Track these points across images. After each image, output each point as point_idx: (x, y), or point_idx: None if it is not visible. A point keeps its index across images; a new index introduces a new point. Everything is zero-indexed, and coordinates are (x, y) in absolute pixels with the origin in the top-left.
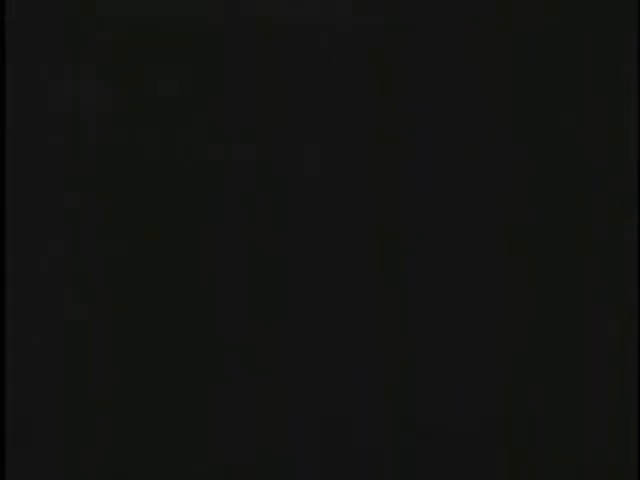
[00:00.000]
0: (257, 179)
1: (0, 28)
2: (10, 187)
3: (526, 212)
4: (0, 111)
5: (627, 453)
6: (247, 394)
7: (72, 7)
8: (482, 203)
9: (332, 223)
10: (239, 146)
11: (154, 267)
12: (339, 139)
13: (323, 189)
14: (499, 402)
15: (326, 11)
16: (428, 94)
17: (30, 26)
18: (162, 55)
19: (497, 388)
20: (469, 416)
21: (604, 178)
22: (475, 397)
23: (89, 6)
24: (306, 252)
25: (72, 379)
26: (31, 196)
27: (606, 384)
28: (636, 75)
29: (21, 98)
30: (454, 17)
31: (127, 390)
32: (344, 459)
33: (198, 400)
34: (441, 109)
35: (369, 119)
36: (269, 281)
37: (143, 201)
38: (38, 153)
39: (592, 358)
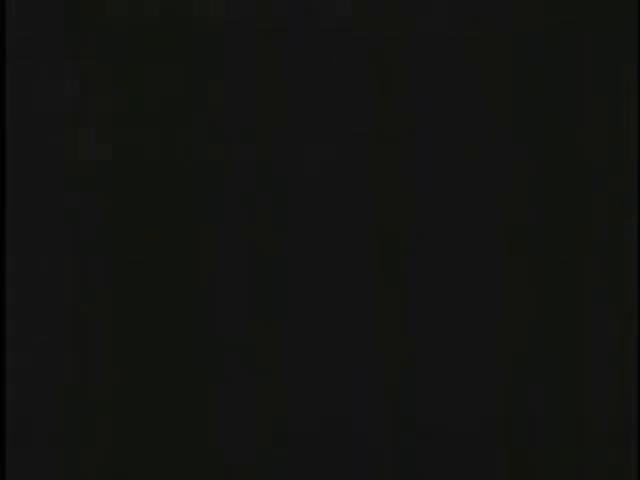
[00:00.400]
0: (257, 179)
1: (0, 28)
2: (10, 187)
3: (526, 212)
4: (0, 111)
5: (627, 453)
6: (247, 394)
7: (72, 7)
8: (482, 203)
9: (332, 223)
10: (239, 146)
11: (154, 267)
12: (339, 139)
13: (323, 189)
14: (499, 402)
15: (326, 11)
16: (428, 94)
17: (30, 26)
18: (162, 55)
19: (497, 388)
20: (469, 416)
21: (604, 178)
22: (475, 397)
23: (89, 6)
24: (306, 252)
25: (72, 379)
26: (31, 196)
27: (606, 384)
28: (636, 75)
29: (21, 98)
30: (454, 17)
31: (127, 390)
32: (344, 459)
33: (198, 400)
34: (441, 109)
35: (369, 119)
36: (269, 281)
37: (143, 201)
38: (38, 153)
39: (592, 358)
